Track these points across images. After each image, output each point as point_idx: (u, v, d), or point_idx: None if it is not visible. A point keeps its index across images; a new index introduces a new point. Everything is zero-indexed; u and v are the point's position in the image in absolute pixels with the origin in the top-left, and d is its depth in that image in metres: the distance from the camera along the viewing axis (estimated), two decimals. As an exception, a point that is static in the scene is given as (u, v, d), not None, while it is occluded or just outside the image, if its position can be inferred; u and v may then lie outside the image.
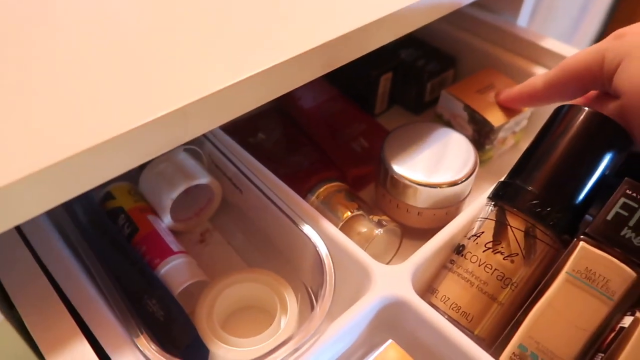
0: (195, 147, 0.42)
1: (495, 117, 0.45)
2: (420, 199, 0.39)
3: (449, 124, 0.49)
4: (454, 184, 0.39)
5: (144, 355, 0.29)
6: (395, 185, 0.40)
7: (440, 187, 0.39)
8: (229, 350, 0.32)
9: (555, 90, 0.39)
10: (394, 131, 0.42)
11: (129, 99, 0.27)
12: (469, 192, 0.42)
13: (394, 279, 0.33)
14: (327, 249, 0.34)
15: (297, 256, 0.37)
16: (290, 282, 0.36)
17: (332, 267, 0.33)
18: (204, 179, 0.40)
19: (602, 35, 1.26)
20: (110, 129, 0.25)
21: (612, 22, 1.25)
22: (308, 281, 0.36)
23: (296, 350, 0.29)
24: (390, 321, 0.33)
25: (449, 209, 0.41)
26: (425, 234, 0.37)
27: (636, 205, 0.32)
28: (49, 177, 0.23)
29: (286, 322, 0.34)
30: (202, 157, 0.42)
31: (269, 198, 0.38)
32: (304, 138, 0.49)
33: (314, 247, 0.34)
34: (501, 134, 0.47)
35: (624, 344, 0.29)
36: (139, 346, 0.29)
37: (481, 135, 0.47)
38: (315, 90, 0.52)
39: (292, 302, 0.35)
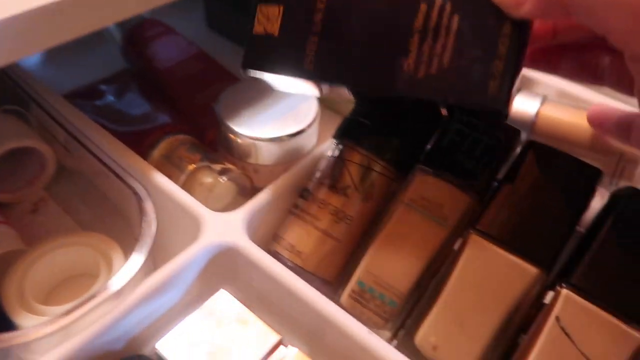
0: (18, 107, 0.38)
1: None
2: (261, 156, 0.37)
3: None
4: (293, 135, 0.37)
5: None
6: (233, 144, 0.38)
7: (280, 141, 0.37)
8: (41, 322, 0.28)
9: None
10: (228, 88, 0.40)
11: None
12: (316, 143, 0.40)
13: (226, 227, 0.31)
14: (156, 201, 0.31)
15: (129, 214, 0.34)
16: (124, 241, 0.33)
17: (154, 218, 0.30)
18: (27, 141, 0.36)
19: None
20: None
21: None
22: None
23: (103, 301, 0.26)
24: (226, 271, 0.31)
25: (294, 163, 0.39)
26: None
27: (468, 130, 0.32)
28: None
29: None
30: (27, 118, 0.38)
31: (96, 156, 0.34)
32: (158, 99, 0.45)
33: (139, 200, 0.31)
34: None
35: (455, 264, 0.28)
36: None
37: None
38: (172, 50, 0.49)
39: (119, 262, 0.31)
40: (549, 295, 0.27)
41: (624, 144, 0.30)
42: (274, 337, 0.28)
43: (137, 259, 0.28)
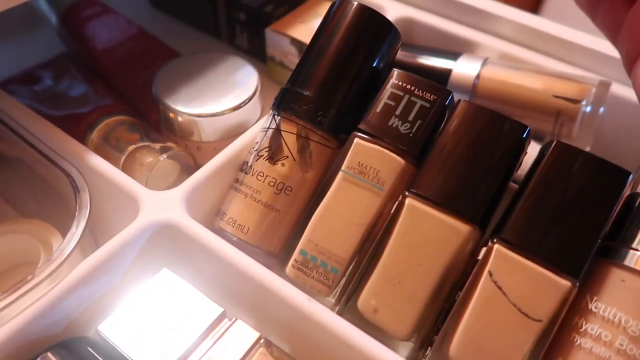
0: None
1: None
2: (204, 132, 0.37)
3: (282, 65, 0.47)
4: (234, 109, 0.36)
5: None
6: (174, 123, 0.37)
7: (221, 116, 0.36)
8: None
9: None
10: (165, 66, 0.39)
11: None
12: (260, 116, 0.40)
13: (164, 204, 0.30)
14: (93, 183, 0.31)
15: (68, 199, 0.33)
16: (66, 227, 0.32)
17: (88, 200, 0.29)
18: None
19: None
20: None
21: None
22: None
23: (35, 286, 0.25)
24: (167, 249, 0.31)
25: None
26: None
27: (402, 94, 0.32)
28: None
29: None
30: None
31: (28, 142, 0.33)
32: (99, 82, 0.44)
33: (72, 183, 0.30)
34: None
35: (393, 228, 0.29)
36: None
37: None
38: (111, 30, 0.47)
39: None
40: (484, 251, 0.28)
41: (588, 15, 0.29)
42: (217, 310, 0.28)
43: (70, 242, 0.27)
